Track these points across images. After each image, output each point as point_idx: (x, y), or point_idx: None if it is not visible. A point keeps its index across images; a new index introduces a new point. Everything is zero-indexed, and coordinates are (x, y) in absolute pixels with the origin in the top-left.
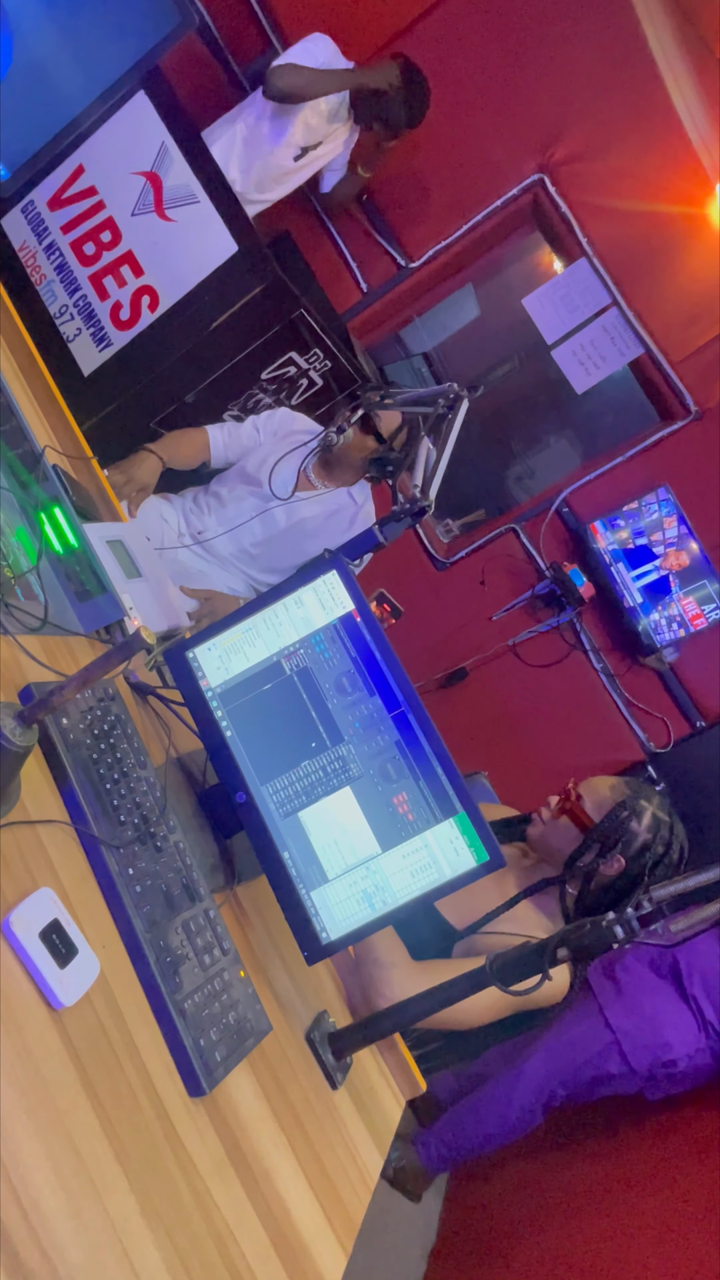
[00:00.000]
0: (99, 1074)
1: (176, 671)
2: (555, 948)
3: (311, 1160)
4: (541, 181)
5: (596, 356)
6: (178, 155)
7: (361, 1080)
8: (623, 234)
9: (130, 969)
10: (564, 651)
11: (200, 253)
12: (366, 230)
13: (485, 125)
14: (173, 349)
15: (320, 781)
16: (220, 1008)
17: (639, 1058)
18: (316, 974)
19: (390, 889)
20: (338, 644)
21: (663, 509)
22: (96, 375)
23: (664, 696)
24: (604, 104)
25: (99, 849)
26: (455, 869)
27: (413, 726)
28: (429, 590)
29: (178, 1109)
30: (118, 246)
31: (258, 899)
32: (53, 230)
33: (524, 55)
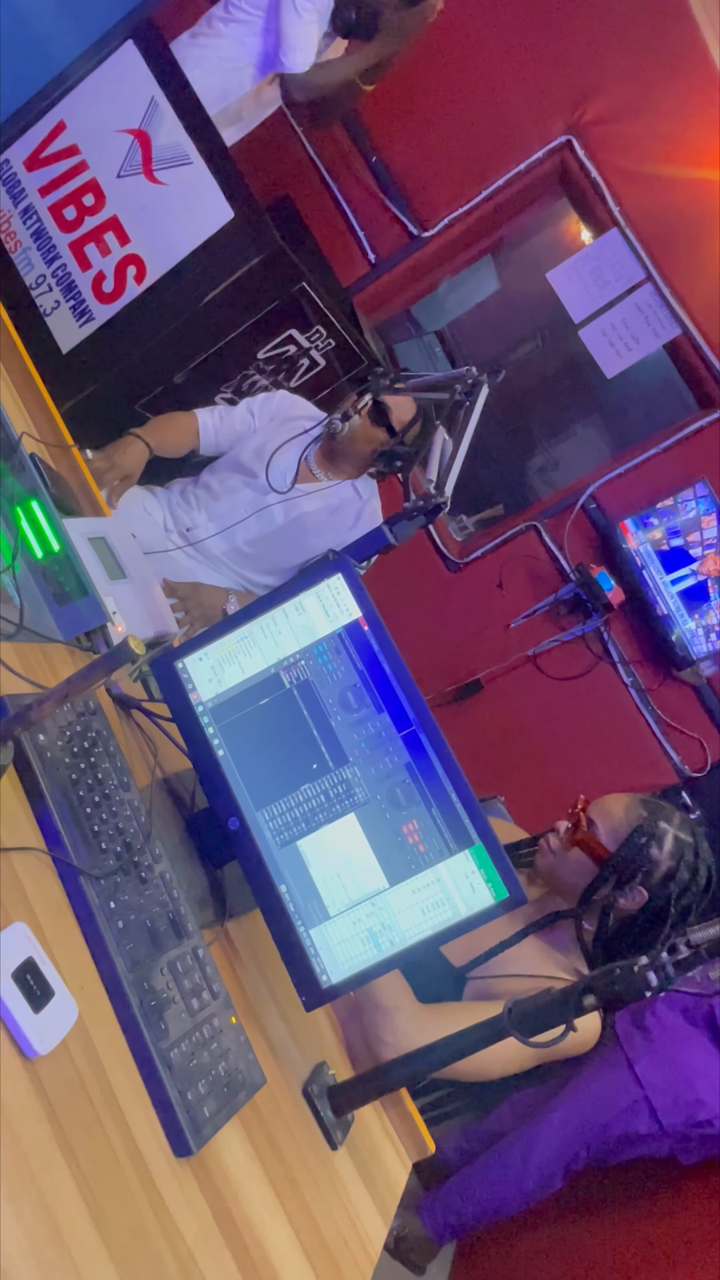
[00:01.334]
0: (76, 1130)
1: (164, 683)
2: (581, 996)
3: (308, 1228)
4: (570, 144)
5: (629, 337)
6: (169, 111)
7: (364, 1140)
8: (658, 202)
9: (111, 1013)
10: (590, 663)
11: (193, 219)
12: (376, 195)
13: (509, 81)
14: (161, 324)
15: (322, 807)
16: (209, 1057)
17: (671, 1116)
18: (315, 1020)
19: (398, 927)
20: (342, 655)
21: (701, 506)
22: (76, 352)
23: (701, 714)
24: (638, 60)
25: (78, 880)
26: (471, 907)
27: (425, 747)
28: (441, 594)
29: (162, 1170)
30: (101, 211)
31: (251, 936)
32: (30, 192)
33: (554, 5)
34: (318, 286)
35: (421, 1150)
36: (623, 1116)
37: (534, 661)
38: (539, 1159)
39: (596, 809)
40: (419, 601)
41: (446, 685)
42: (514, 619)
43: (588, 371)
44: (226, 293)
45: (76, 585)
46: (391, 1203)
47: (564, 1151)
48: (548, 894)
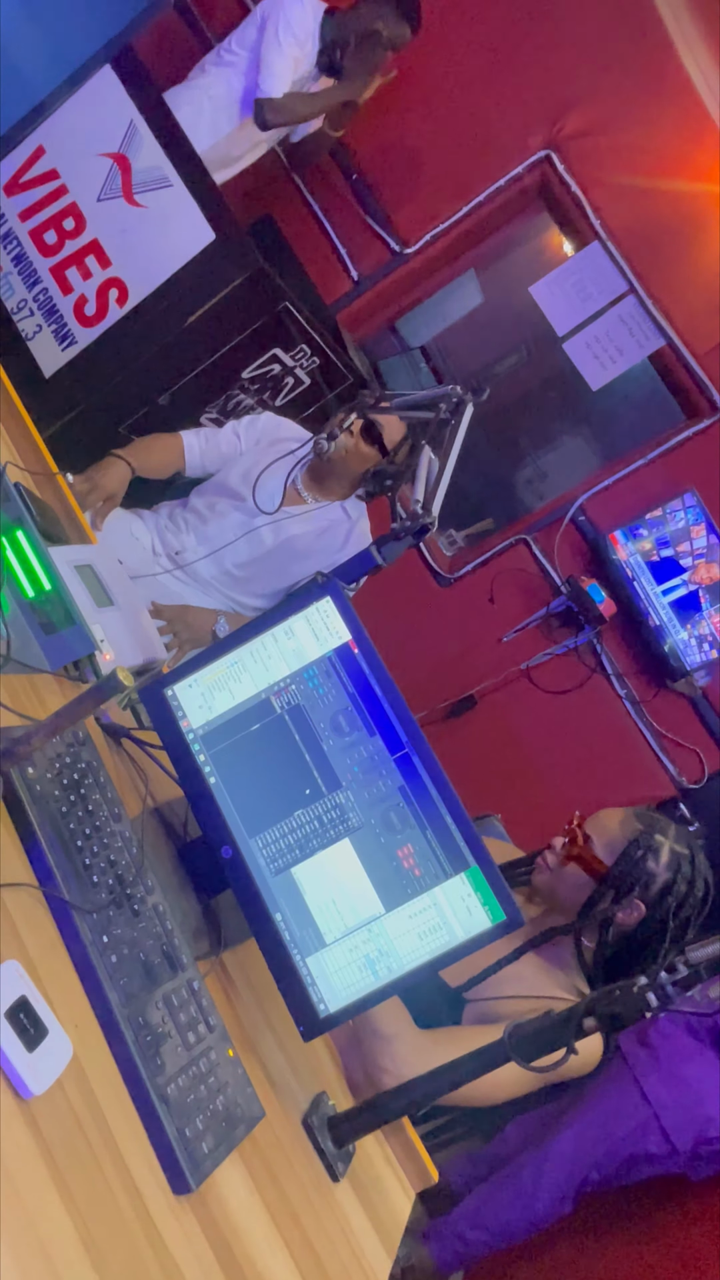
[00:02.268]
0: (73, 1171)
1: (154, 711)
2: (581, 1018)
3: (311, 1264)
4: (549, 158)
5: (613, 349)
6: (148, 135)
7: (366, 1170)
8: (639, 214)
9: (106, 1050)
10: (583, 676)
11: (174, 241)
12: (357, 212)
13: (488, 96)
14: (144, 347)
15: (316, 833)
16: (207, 1092)
17: (681, 1135)
18: (313, 1050)
19: (395, 953)
20: (333, 678)
21: (690, 516)
22: (59, 376)
23: (696, 725)
24: (616, 74)
25: (70, 914)
26: (468, 930)
27: (418, 770)
28: (432, 609)
29: (161, 1209)
30: (82, 235)
31: (246, 966)
32: (9, 217)
33: (531, 21)
34: (301, 305)
35: (425, 1179)
36: (633, 1136)
37: (527, 675)
38: (549, 1183)
39: (592, 824)
40: (410, 618)
41: (440, 702)
42: (506, 633)
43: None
44: (209, 314)
45: (64, 615)
46: (395, 1234)
47: (574, 1174)
48: (545, 912)
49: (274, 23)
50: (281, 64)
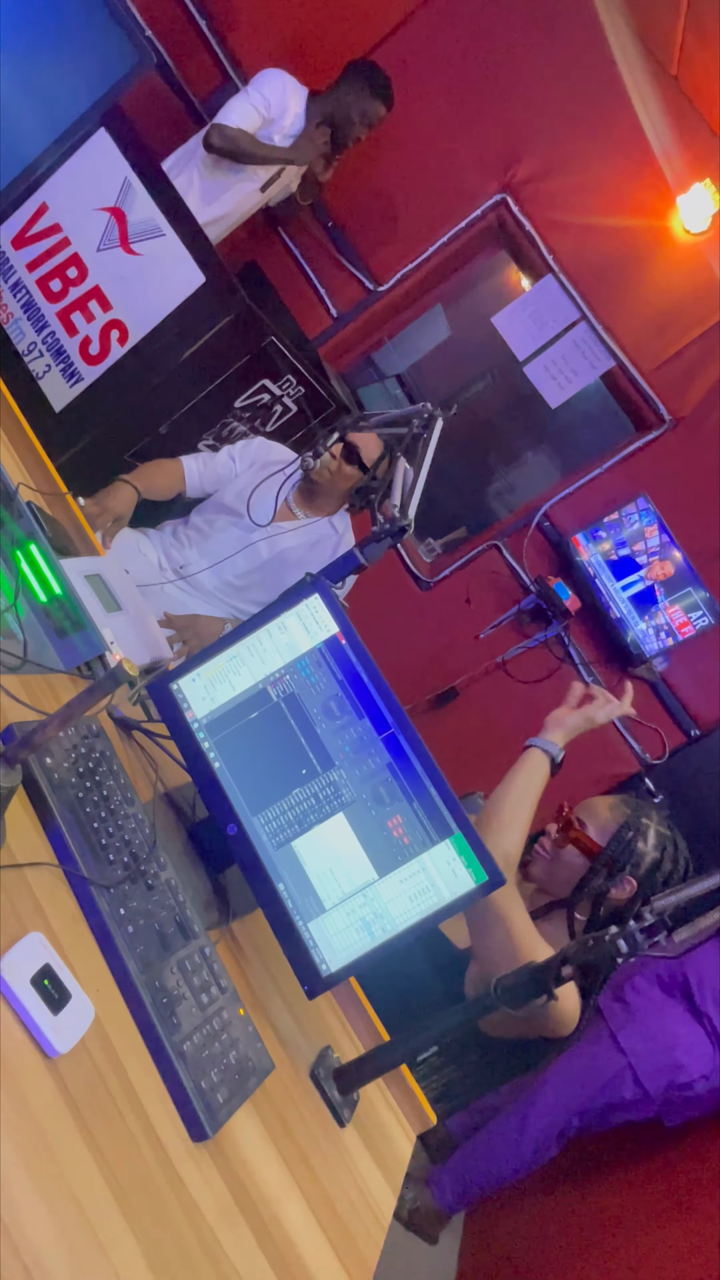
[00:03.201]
0: (98, 1122)
1: (160, 704)
2: (560, 965)
3: (321, 1202)
4: (505, 201)
5: (569, 370)
6: (141, 190)
7: (370, 1116)
8: (588, 249)
9: (125, 1012)
10: (553, 666)
11: (168, 285)
12: (333, 256)
13: (446, 147)
14: (144, 381)
15: (313, 809)
16: (220, 1048)
17: (653, 1081)
18: (318, 1008)
19: (389, 915)
20: (324, 668)
21: (643, 519)
22: (68, 411)
23: (657, 706)
24: (563, 121)
25: (89, 890)
26: (454, 891)
27: (403, 747)
28: (415, 611)
29: (181, 1155)
30: (84, 282)
31: (254, 934)
32: (18, 269)
33: (482, 78)
34: (285, 340)
35: (424, 1122)
36: (610, 1085)
37: (503, 668)
38: (534, 1130)
39: (584, 810)
40: (395, 619)
41: (425, 694)
42: (482, 630)
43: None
44: (202, 350)
45: (75, 620)
46: (399, 1173)
47: (556, 1121)
48: (537, 890)
49: (251, 85)
50: (242, 107)
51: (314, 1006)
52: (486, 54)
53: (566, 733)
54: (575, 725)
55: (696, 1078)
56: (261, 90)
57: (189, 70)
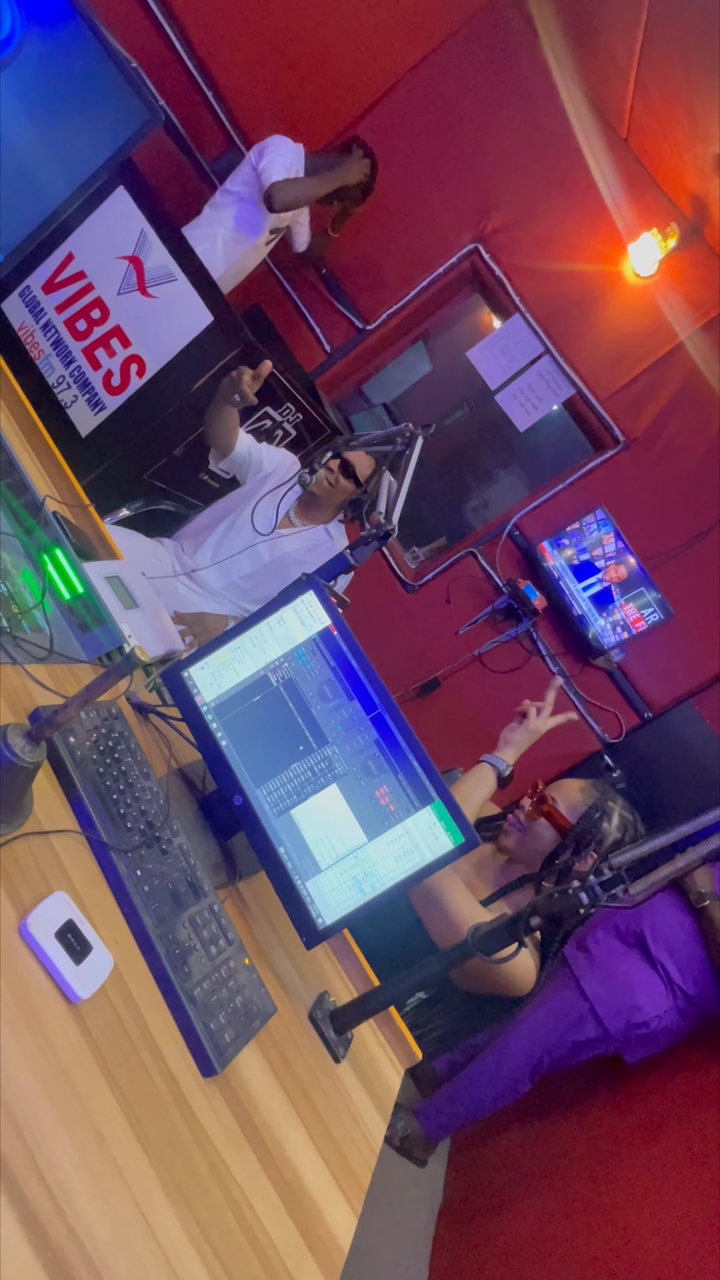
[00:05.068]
0: (116, 1061)
1: (173, 690)
2: (529, 916)
3: (319, 1129)
4: (477, 250)
5: (534, 398)
6: (156, 240)
7: (362, 1053)
8: (551, 291)
9: (142, 962)
10: (524, 658)
11: (180, 323)
12: (327, 299)
13: (425, 204)
14: (160, 409)
15: (309, 781)
16: (227, 993)
17: (614, 1022)
18: (316, 958)
19: (377, 874)
20: (318, 656)
21: (601, 528)
22: (93, 435)
23: (614, 693)
24: (528, 179)
25: (108, 854)
26: (435, 851)
27: (389, 726)
28: (402, 611)
29: (192, 1089)
30: (106, 322)
31: (259, 893)
32: (48, 311)
33: (456, 142)
34: (285, 372)
35: (410, 1058)
36: (574, 1026)
37: (480, 660)
38: (510, 1065)
39: (556, 789)
40: (384, 619)
41: (411, 684)
42: (461, 627)
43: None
44: (211, 381)
45: (96, 615)
46: (388, 1102)
47: (530, 1058)
48: (509, 863)
49: (267, 151)
50: (280, 161)
51: (312, 956)
52: (460, 121)
53: (516, 749)
54: (522, 740)
55: (651, 1017)
56: (279, 150)
57: (198, 134)
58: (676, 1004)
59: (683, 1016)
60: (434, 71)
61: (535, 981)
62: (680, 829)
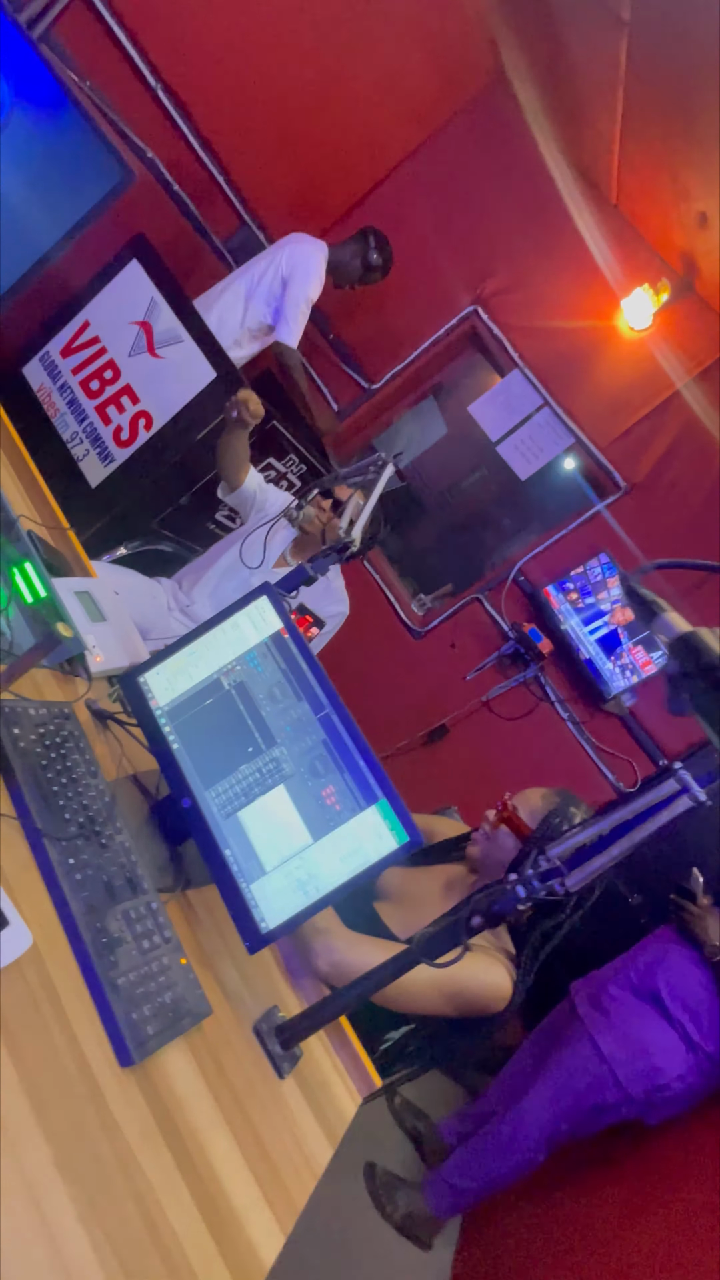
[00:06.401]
0: (24, 1035)
1: (129, 694)
2: (469, 915)
3: (251, 1141)
4: (476, 311)
5: (535, 448)
6: (165, 306)
7: (313, 1074)
8: (548, 347)
9: (67, 948)
10: (532, 704)
11: (185, 380)
12: (334, 361)
13: (426, 271)
14: (166, 460)
15: (257, 782)
16: (156, 987)
17: (634, 1084)
18: (269, 972)
19: (322, 875)
20: (269, 658)
21: (605, 571)
22: (102, 486)
23: (627, 740)
24: (524, 245)
25: (40, 840)
26: (379, 851)
27: (336, 725)
28: (409, 658)
29: (106, 1076)
30: (118, 381)
31: (211, 904)
32: (64, 373)
33: (455, 214)
34: (286, 423)
35: (369, 1086)
36: (592, 1089)
37: (488, 706)
38: (524, 1135)
39: (519, 799)
40: (391, 665)
41: (418, 731)
42: (468, 673)
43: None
44: (214, 432)
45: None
46: (339, 1130)
47: (545, 1126)
48: (480, 879)
49: (299, 288)
50: (299, 323)
51: (265, 972)
52: (458, 196)
53: None
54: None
55: (673, 1078)
56: (309, 296)
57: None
58: (697, 1062)
59: (704, 1075)
60: (432, 154)
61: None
62: (613, 816)
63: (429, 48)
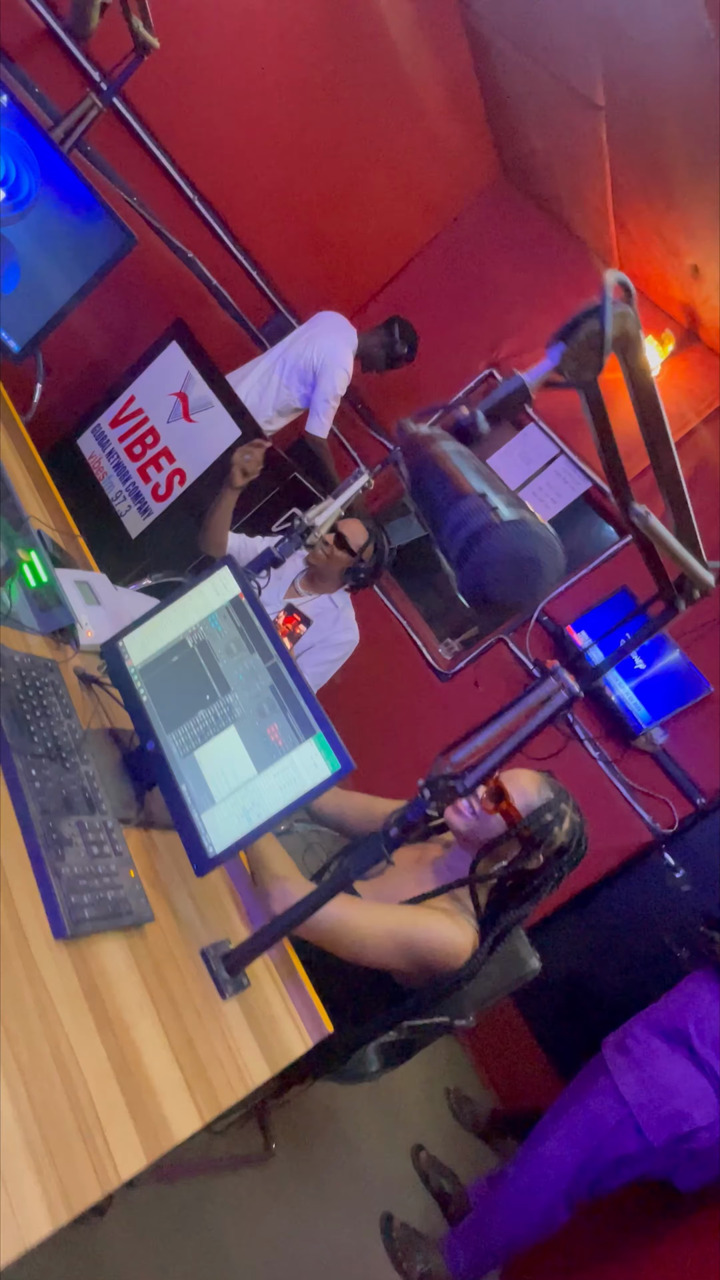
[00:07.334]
0: None
1: (108, 656)
2: (386, 829)
3: (181, 1038)
4: (491, 374)
5: (553, 494)
6: (198, 378)
7: (262, 1009)
8: (561, 402)
9: (20, 838)
10: (561, 743)
11: (214, 439)
12: (361, 426)
13: (445, 342)
14: (197, 511)
15: (212, 725)
16: (100, 885)
17: (656, 1131)
18: (228, 916)
19: (264, 803)
20: (228, 619)
21: (628, 608)
22: (141, 537)
23: (662, 778)
24: (534, 311)
25: (8, 750)
26: (315, 779)
27: (282, 671)
28: (436, 700)
29: (38, 940)
30: (157, 445)
31: (174, 846)
32: (112, 442)
33: (471, 290)
34: (307, 476)
35: (320, 1031)
36: (612, 1138)
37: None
38: (541, 1188)
39: (509, 778)
40: (419, 708)
41: None
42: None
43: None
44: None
45: (56, 601)
46: (282, 1060)
47: (562, 1177)
48: (454, 846)
49: (329, 383)
50: (328, 417)
51: (224, 914)
52: (472, 276)
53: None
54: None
55: (700, 1127)
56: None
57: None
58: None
59: None
60: (447, 241)
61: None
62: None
63: (436, 151)
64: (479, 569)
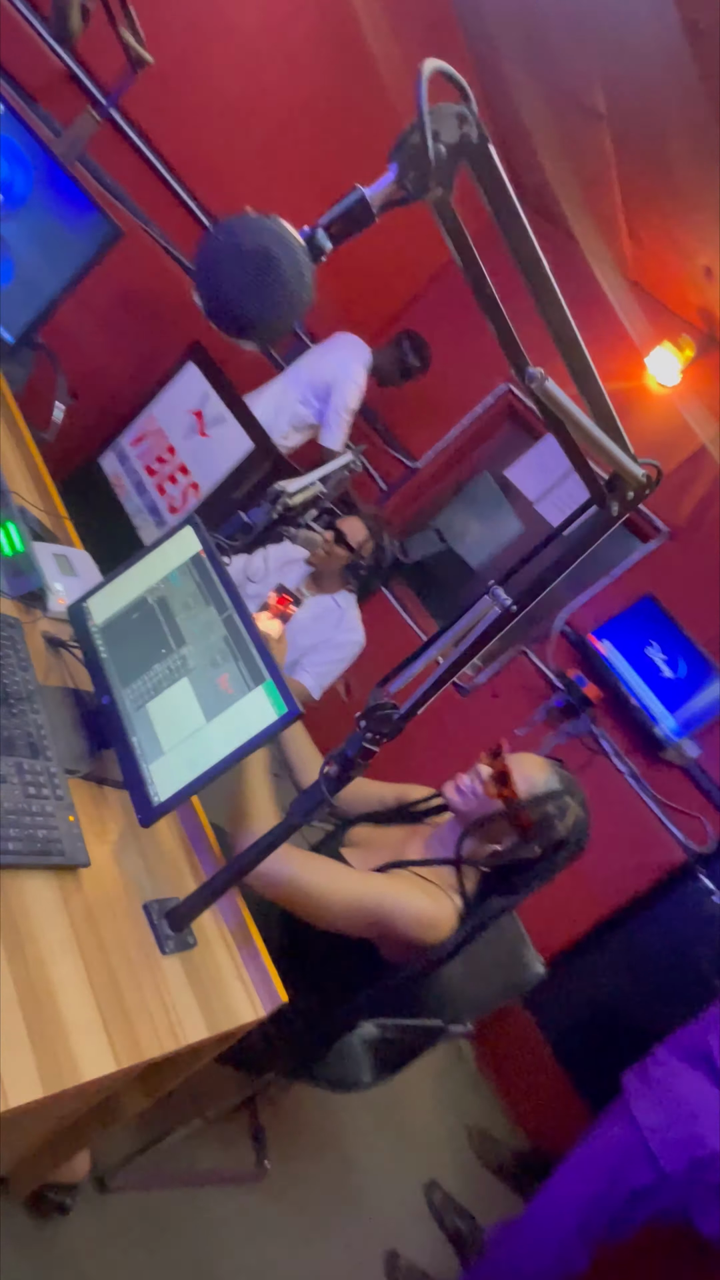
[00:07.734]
0: None
1: (74, 617)
2: (324, 767)
3: (106, 981)
4: (509, 390)
5: (573, 503)
6: (214, 395)
7: (209, 972)
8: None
9: None
10: (587, 758)
11: (228, 452)
12: (379, 443)
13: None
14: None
15: (166, 678)
16: (31, 823)
17: (671, 1158)
18: (181, 878)
19: (211, 752)
20: (188, 575)
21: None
22: None
23: (694, 792)
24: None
25: None
26: (262, 723)
27: (236, 622)
28: (457, 715)
29: None
30: (173, 459)
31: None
32: (132, 460)
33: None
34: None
35: (274, 1001)
36: (625, 1166)
37: None
38: (555, 1224)
39: (514, 760)
40: (439, 722)
41: None
42: (518, 728)
43: None
44: (253, 491)
45: (31, 568)
46: (225, 1023)
47: (577, 1213)
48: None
49: (342, 397)
50: (343, 430)
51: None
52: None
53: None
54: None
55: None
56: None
57: None
58: None
59: None
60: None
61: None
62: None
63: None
64: (207, 273)
